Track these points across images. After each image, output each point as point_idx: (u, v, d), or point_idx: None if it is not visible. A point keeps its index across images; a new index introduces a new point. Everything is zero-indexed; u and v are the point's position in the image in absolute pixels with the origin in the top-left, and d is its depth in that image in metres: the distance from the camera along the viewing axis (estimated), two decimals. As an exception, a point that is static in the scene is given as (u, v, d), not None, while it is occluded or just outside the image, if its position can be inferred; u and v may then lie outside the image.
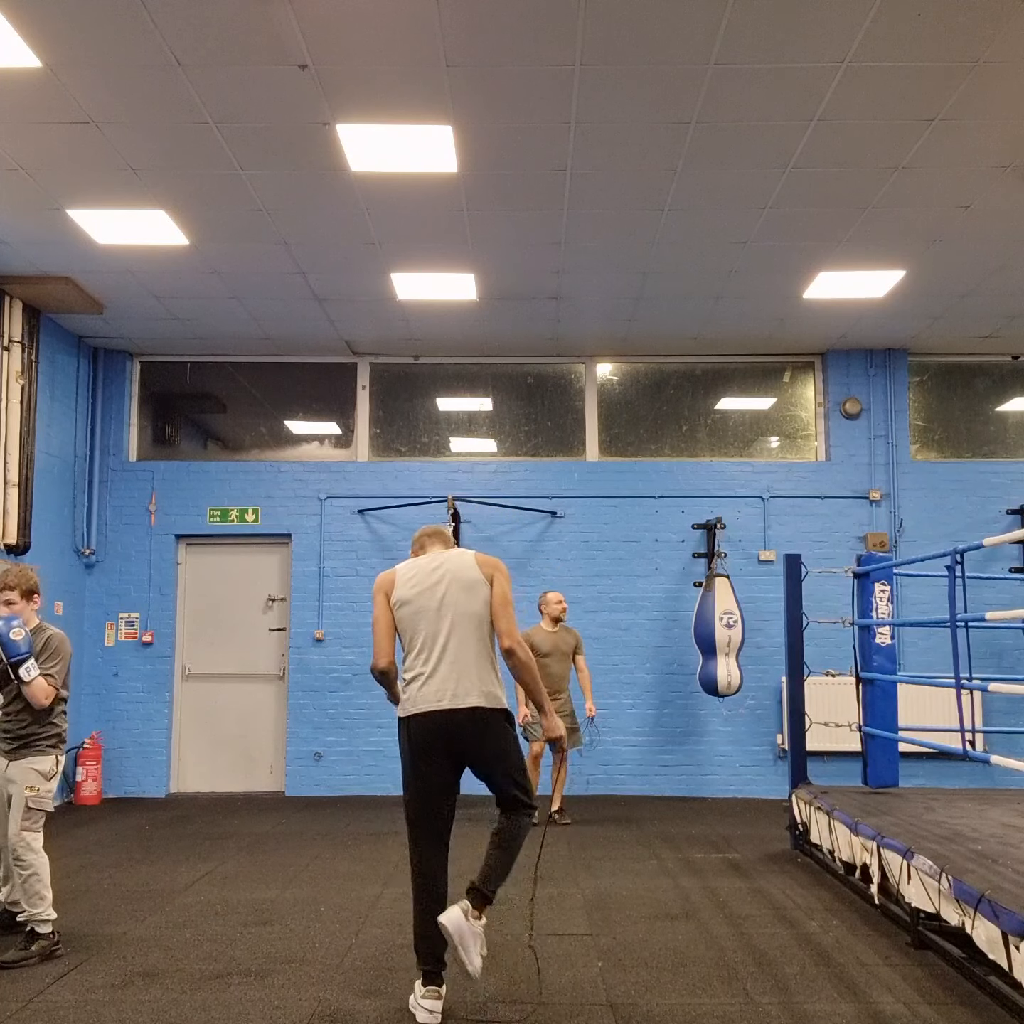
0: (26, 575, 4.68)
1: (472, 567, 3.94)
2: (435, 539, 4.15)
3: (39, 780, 4.55)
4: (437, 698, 3.77)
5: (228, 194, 6.27)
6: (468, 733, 3.78)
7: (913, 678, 7.77)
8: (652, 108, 5.27)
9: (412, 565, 4.02)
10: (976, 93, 5.11)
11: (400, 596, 3.93)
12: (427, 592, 3.90)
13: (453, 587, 3.90)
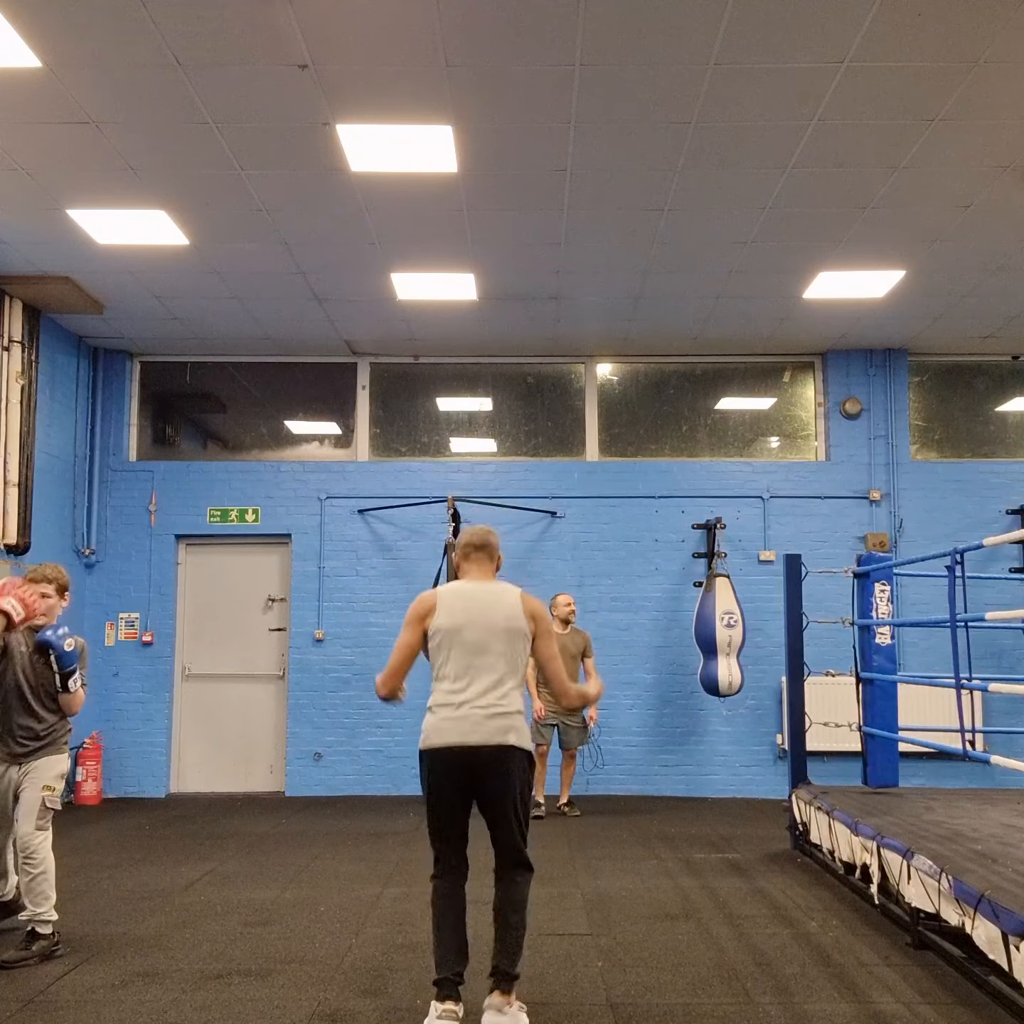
0: (62, 571, 4.74)
1: (518, 613, 3.85)
2: (483, 556, 4.02)
3: (57, 780, 4.59)
4: (461, 731, 3.72)
5: (228, 194, 6.27)
6: (489, 771, 3.73)
7: (913, 678, 7.77)
8: (652, 108, 5.27)
9: (457, 594, 3.91)
10: (976, 93, 5.11)
11: (440, 624, 3.83)
12: (469, 626, 3.81)
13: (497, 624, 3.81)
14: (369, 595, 9.29)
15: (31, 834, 4.46)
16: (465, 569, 4.05)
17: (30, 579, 4.61)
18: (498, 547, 4.10)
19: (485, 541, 4.05)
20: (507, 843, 3.81)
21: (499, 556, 4.10)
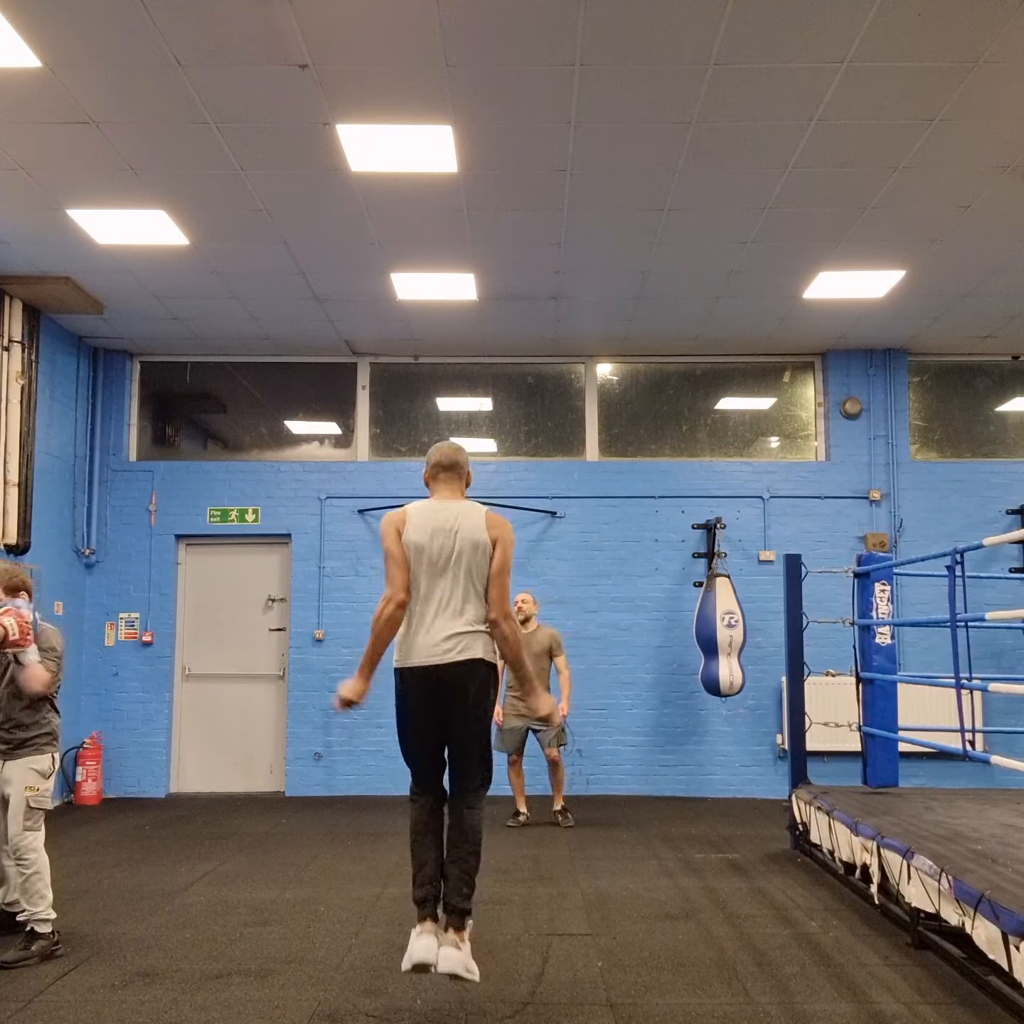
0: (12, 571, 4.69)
1: (481, 528, 3.93)
2: (451, 475, 4.07)
3: (38, 779, 4.56)
4: (429, 653, 3.83)
5: (228, 194, 6.27)
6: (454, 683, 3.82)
7: (913, 678, 7.77)
8: (652, 108, 5.27)
9: (424, 511, 3.98)
10: (976, 93, 5.11)
11: (409, 539, 3.92)
12: (435, 544, 3.89)
13: (460, 544, 3.89)
14: (369, 595, 9.27)
15: (19, 835, 4.46)
16: (433, 487, 4.13)
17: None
18: (467, 464, 4.15)
19: (453, 460, 4.09)
20: (464, 756, 3.90)
21: (468, 473, 4.15)
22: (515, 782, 7.79)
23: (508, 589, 3.96)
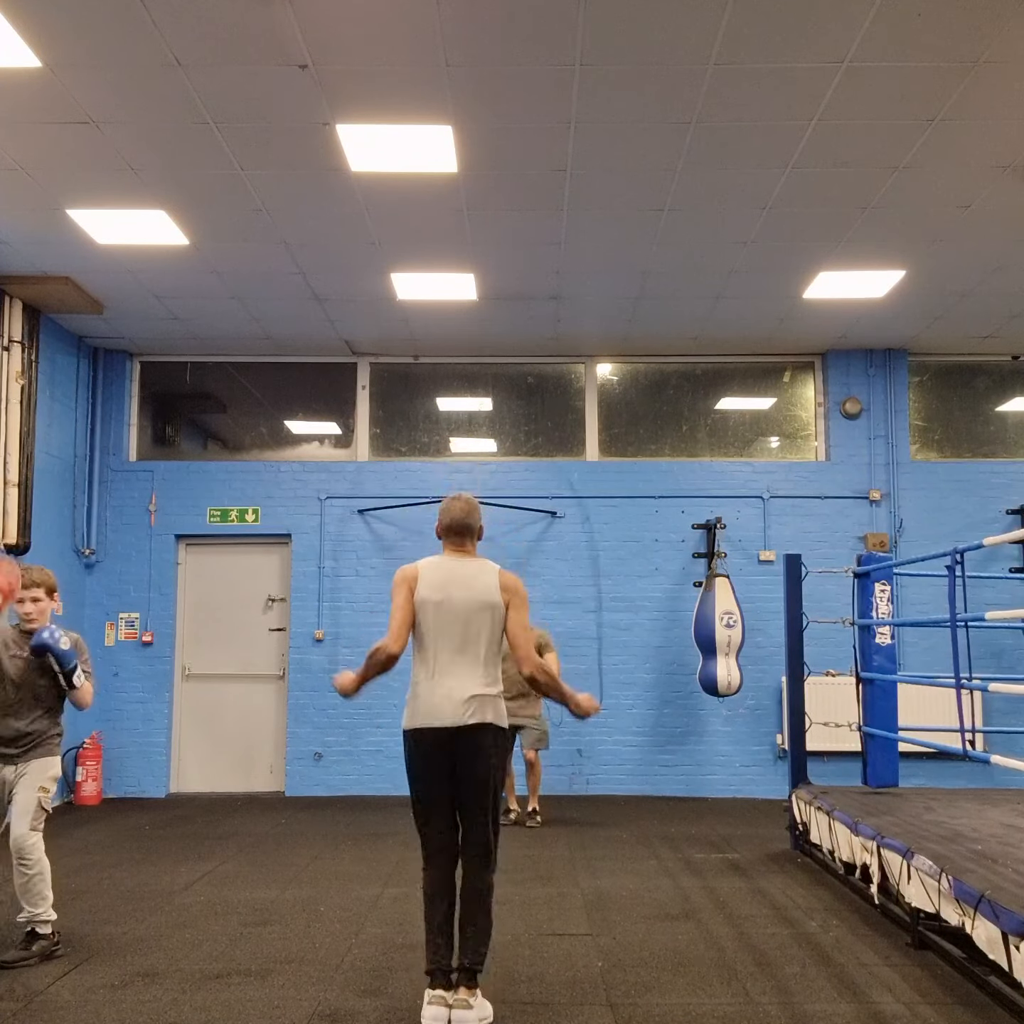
0: (49, 573, 4.76)
1: (495, 590, 3.92)
2: (465, 535, 4.05)
3: (51, 782, 4.59)
4: (440, 715, 3.80)
5: (228, 194, 6.27)
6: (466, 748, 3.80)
7: (913, 678, 7.77)
8: (652, 108, 5.27)
9: (436, 569, 3.96)
10: (976, 93, 5.11)
11: (421, 597, 3.90)
12: (448, 604, 3.87)
13: (473, 605, 3.88)
14: (369, 595, 9.28)
15: (25, 835, 4.44)
16: (445, 543, 4.10)
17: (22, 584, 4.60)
18: (479, 522, 4.13)
19: (465, 525, 4.07)
20: (475, 817, 3.86)
21: (480, 528, 4.14)
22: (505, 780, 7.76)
23: (531, 644, 3.94)
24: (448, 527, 4.06)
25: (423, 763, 3.85)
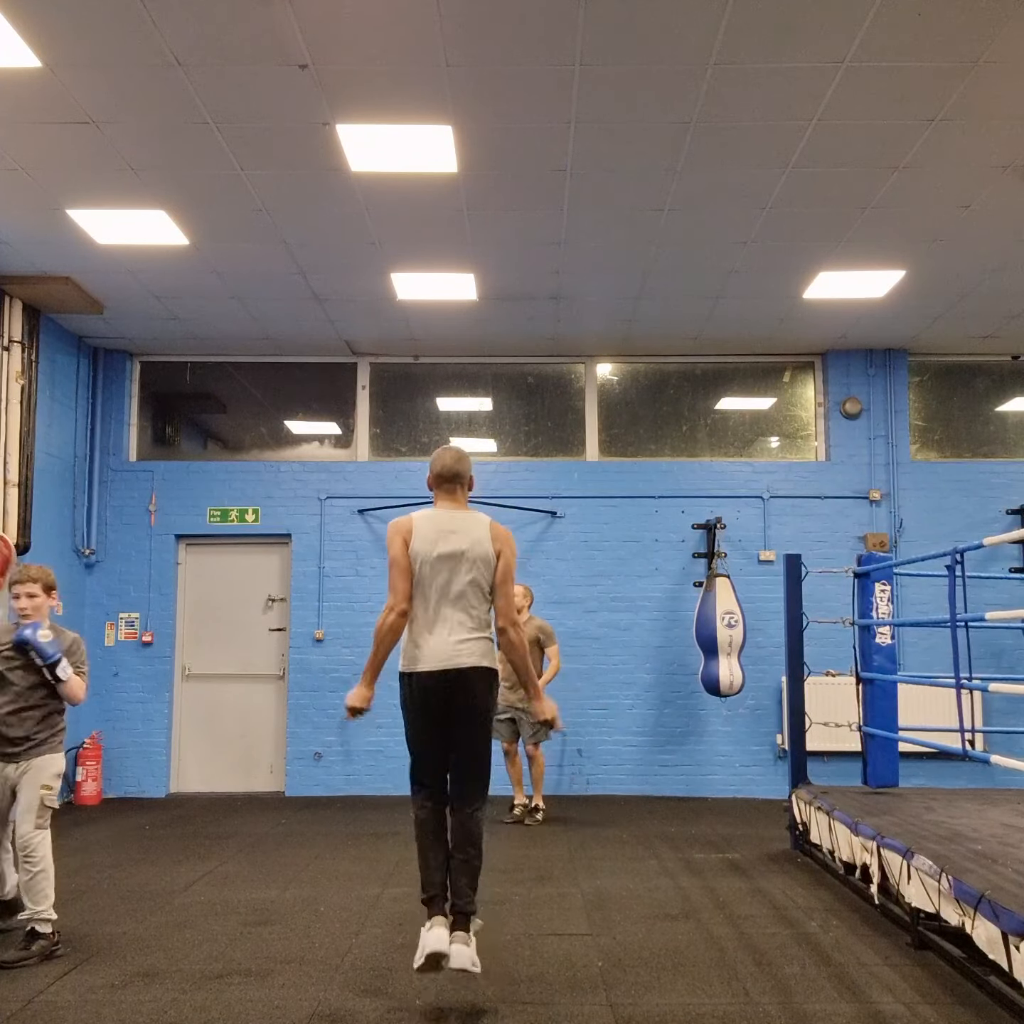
0: (47, 571, 4.76)
1: (486, 540, 4.06)
2: (453, 486, 4.16)
3: (54, 779, 4.59)
4: (436, 658, 3.95)
5: (228, 194, 6.27)
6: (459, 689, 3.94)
7: (913, 678, 7.77)
8: (652, 108, 5.27)
9: (429, 521, 4.08)
10: (976, 93, 5.11)
11: (416, 549, 4.03)
12: (441, 554, 4.01)
13: (466, 555, 4.02)
14: (369, 595, 9.28)
15: (31, 833, 4.47)
16: (436, 495, 4.22)
17: (15, 580, 4.62)
18: (468, 471, 4.23)
19: (454, 472, 4.17)
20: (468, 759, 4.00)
21: (470, 479, 4.24)
22: (511, 772, 7.81)
23: (513, 597, 4.10)
24: (439, 475, 4.17)
25: (420, 704, 3.98)
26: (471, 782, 4.00)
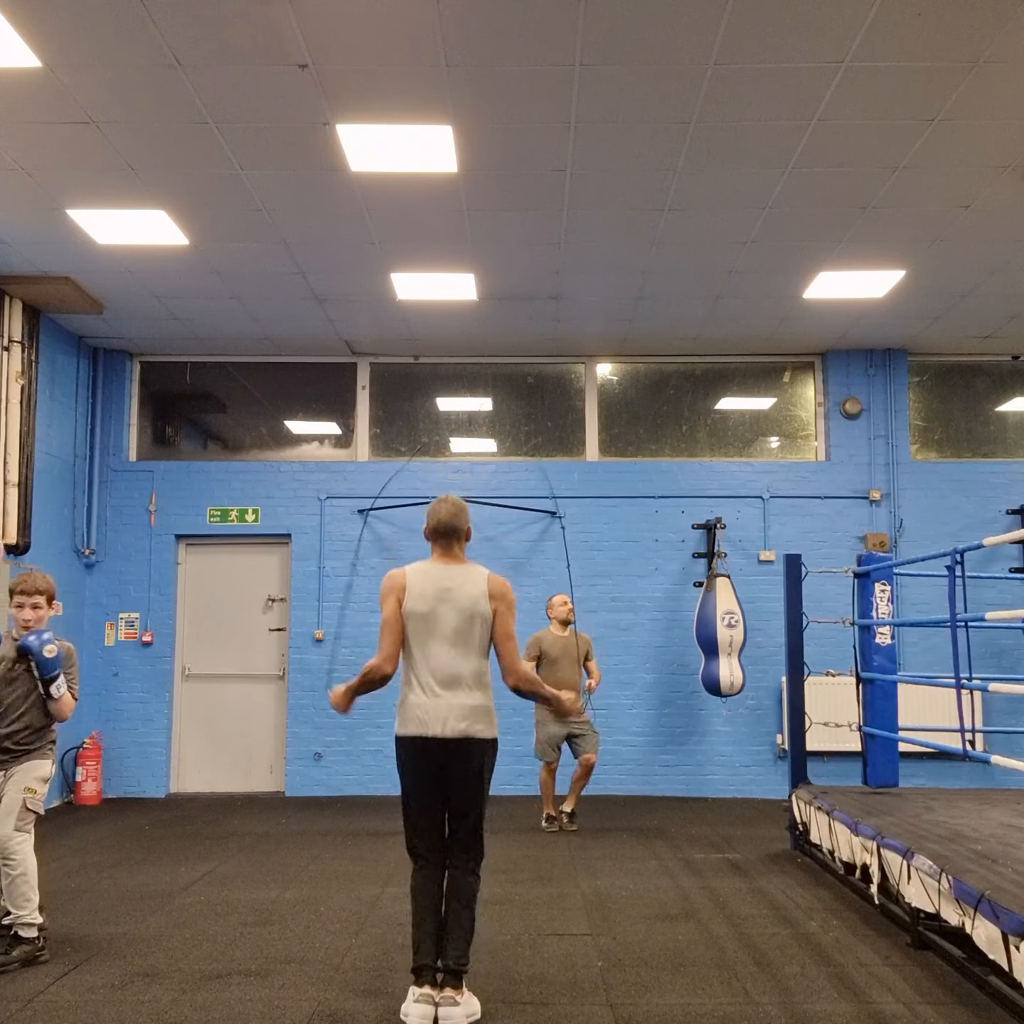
0: (51, 581, 4.72)
1: (482, 597, 3.93)
2: (450, 540, 4.03)
3: (38, 783, 4.53)
4: (430, 724, 3.84)
5: (228, 194, 6.27)
6: (456, 759, 3.85)
7: (913, 678, 7.77)
8: (652, 108, 5.27)
9: (423, 576, 3.96)
10: (976, 93, 5.11)
11: (409, 607, 3.91)
12: (436, 613, 3.89)
13: (462, 613, 3.90)
14: (369, 595, 9.28)
15: (9, 836, 4.41)
16: (433, 547, 4.10)
17: (21, 590, 4.57)
18: (466, 524, 4.09)
19: (451, 527, 4.04)
20: (464, 831, 3.91)
21: (468, 530, 4.10)
22: (547, 784, 7.61)
23: (516, 654, 3.96)
24: (435, 530, 4.06)
25: (413, 769, 3.90)
26: (466, 839, 3.90)
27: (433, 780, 3.87)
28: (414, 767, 3.89)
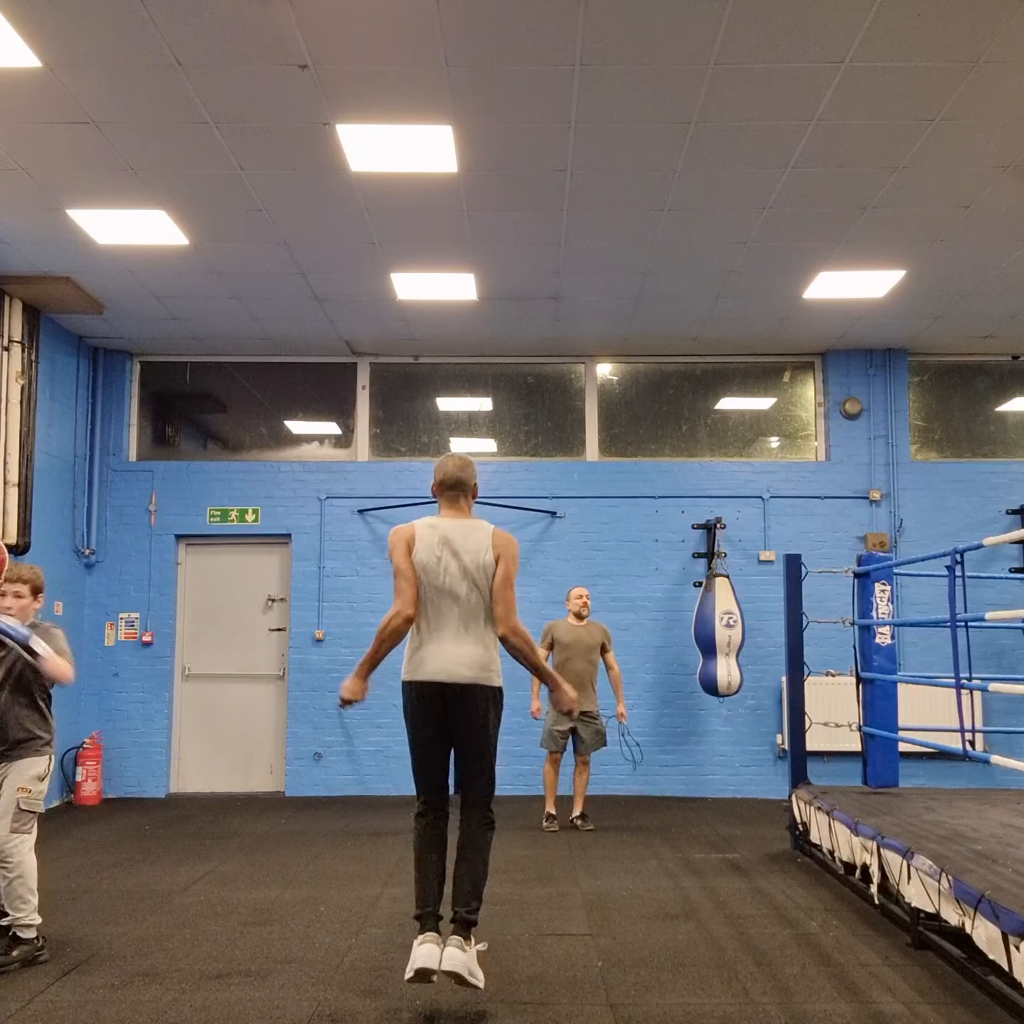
0: (37, 572, 4.68)
1: (487, 548, 4.04)
2: (455, 493, 4.17)
3: (33, 782, 4.47)
4: (438, 670, 3.92)
5: (228, 194, 6.27)
6: (462, 705, 3.92)
7: (913, 678, 7.77)
8: (652, 108, 5.27)
9: (431, 529, 4.06)
10: (976, 93, 5.11)
11: (419, 559, 4.00)
12: (443, 563, 3.98)
13: (467, 564, 3.99)
14: (369, 595, 9.28)
15: (6, 837, 4.37)
16: (440, 503, 4.22)
17: (5, 579, 4.53)
18: (472, 479, 4.25)
19: (456, 479, 4.19)
20: (473, 778, 3.97)
21: (474, 486, 4.26)
22: (550, 778, 7.69)
23: (513, 603, 4.01)
24: (441, 483, 4.18)
25: (421, 715, 3.97)
26: (475, 787, 3.96)
27: (439, 726, 3.94)
28: (421, 713, 3.95)
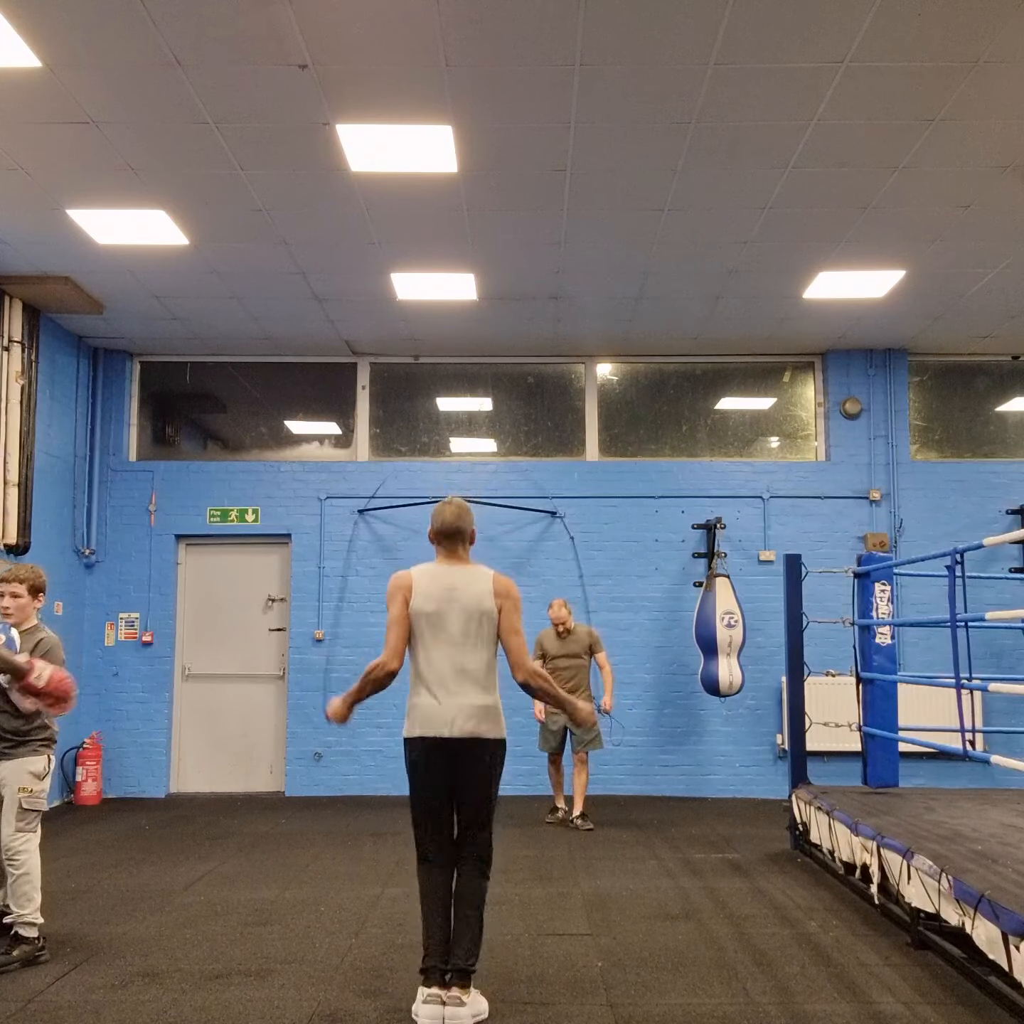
0: (37, 572, 4.67)
1: (487, 595, 3.94)
2: (454, 542, 4.06)
3: (32, 780, 4.48)
4: (439, 725, 3.84)
5: (228, 194, 6.27)
6: (464, 759, 3.86)
7: (913, 678, 7.77)
8: (652, 108, 5.27)
9: (429, 577, 3.98)
10: (976, 93, 5.11)
11: (416, 607, 3.93)
12: (442, 613, 3.91)
13: (468, 613, 3.91)
14: (369, 595, 9.28)
15: (11, 836, 4.40)
16: (437, 550, 4.12)
17: (2, 578, 4.54)
18: (470, 526, 4.12)
19: (454, 528, 4.07)
20: (475, 833, 3.92)
21: (472, 532, 4.14)
22: (554, 778, 7.89)
23: (524, 647, 3.96)
24: (439, 531, 4.08)
25: (423, 771, 3.90)
26: (477, 841, 3.91)
27: (442, 781, 3.87)
28: (423, 768, 3.89)
